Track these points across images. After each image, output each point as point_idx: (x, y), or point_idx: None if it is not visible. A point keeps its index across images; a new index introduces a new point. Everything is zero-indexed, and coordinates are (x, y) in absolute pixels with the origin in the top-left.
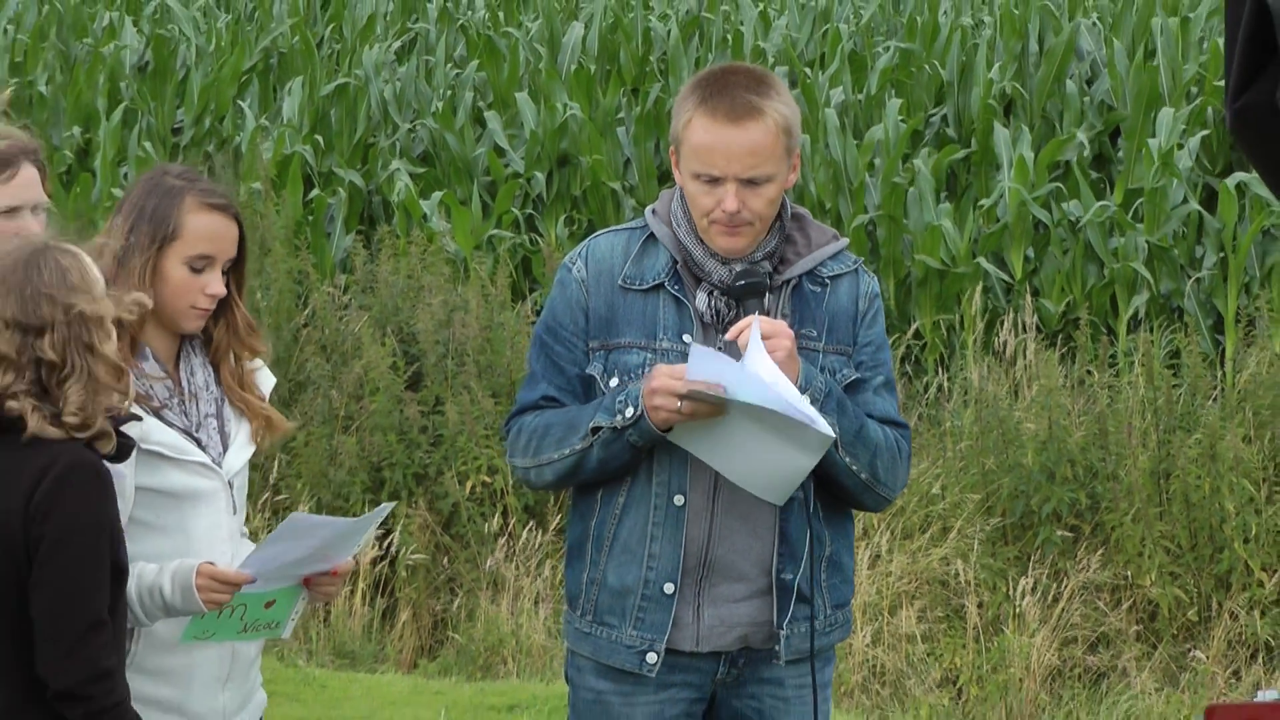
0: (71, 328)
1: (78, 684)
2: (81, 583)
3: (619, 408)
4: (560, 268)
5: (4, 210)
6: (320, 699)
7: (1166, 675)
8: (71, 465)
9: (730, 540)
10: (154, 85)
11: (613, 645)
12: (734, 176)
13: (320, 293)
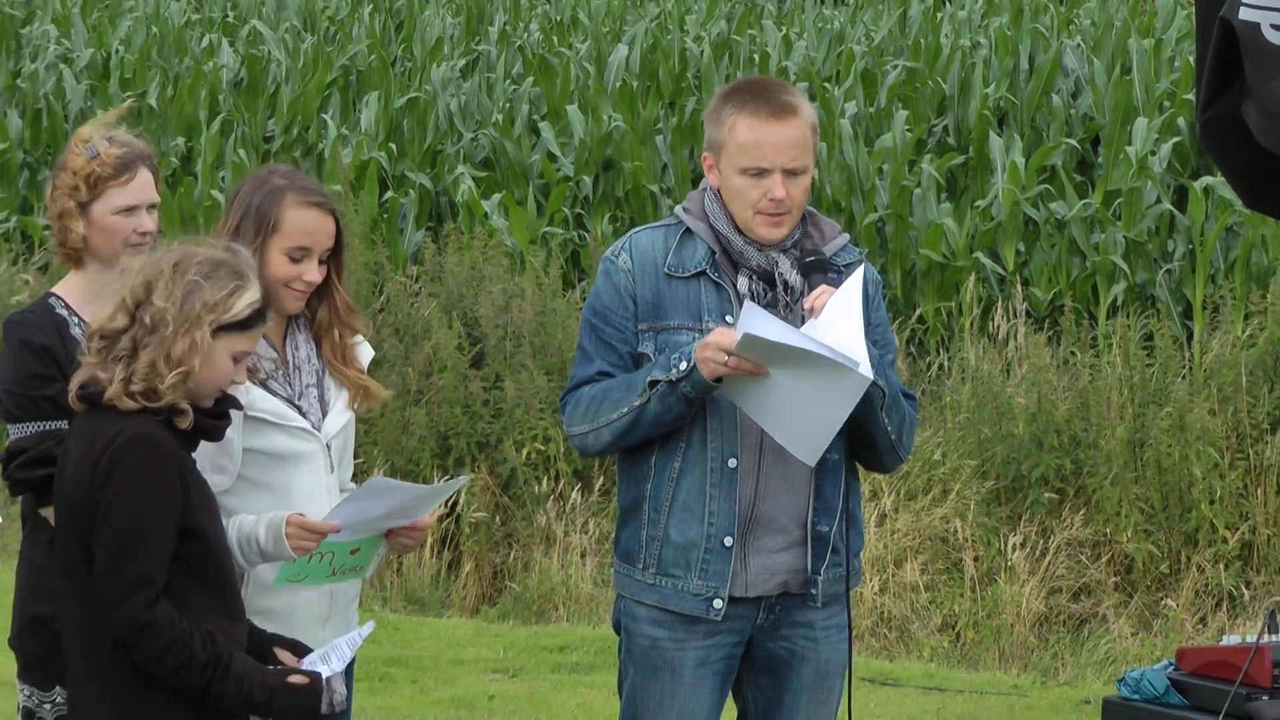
0: (178, 311)
1: (124, 634)
2: (127, 545)
3: (673, 363)
4: (603, 260)
5: (124, 209)
6: (394, 640)
7: (1141, 621)
8: (132, 437)
9: (773, 498)
10: (247, 99)
11: (679, 594)
12: (780, 167)
13: (394, 282)
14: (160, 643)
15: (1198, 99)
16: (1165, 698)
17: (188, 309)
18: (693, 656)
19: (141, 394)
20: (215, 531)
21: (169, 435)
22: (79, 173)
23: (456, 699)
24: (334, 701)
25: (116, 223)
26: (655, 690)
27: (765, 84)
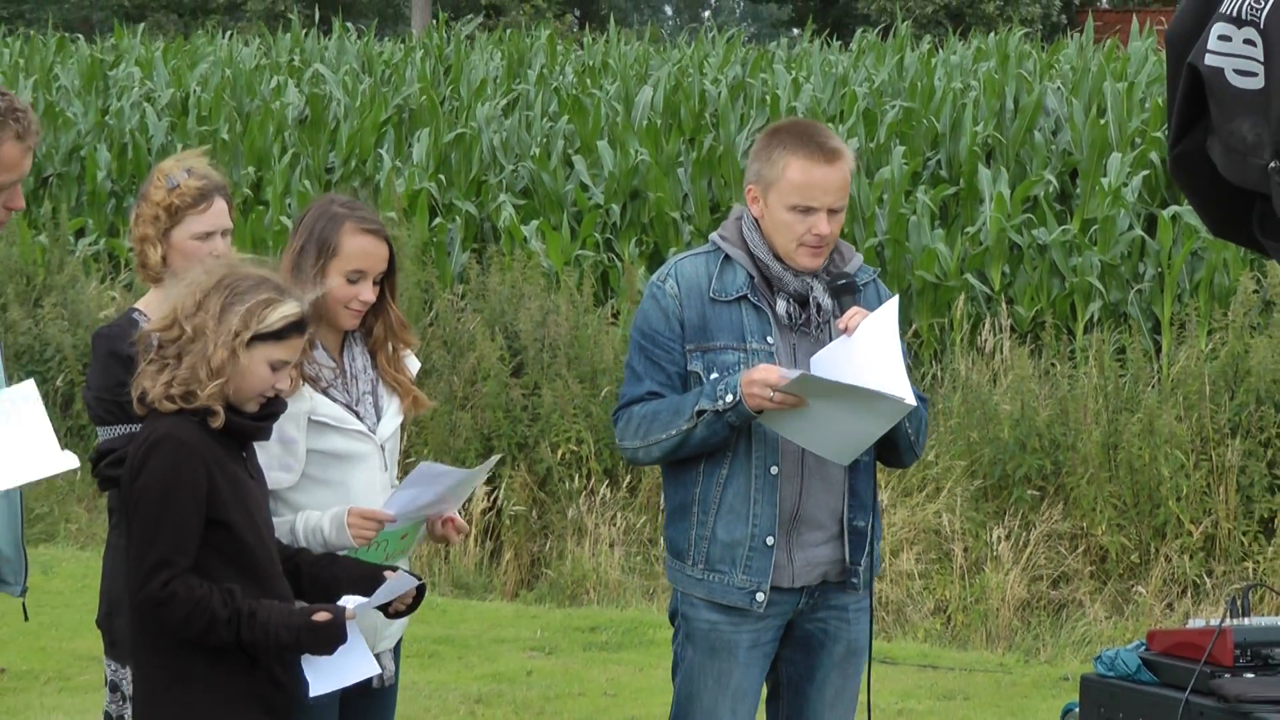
0: (217, 322)
1: (148, 612)
2: (150, 533)
3: (719, 394)
4: (650, 285)
5: (200, 234)
6: (442, 621)
7: (1114, 607)
8: (161, 436)
9: (814, 498)
10: (311, 134)
11: (726, 588)
12: (826, 207)
13: (442, 299)
14: (181, 611)
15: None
16: (1137, 675)
17: (225, 321)
18: (746, 639)
19: (180, 397)
20: (245, 522)
21: (201, 434)
22: (160, 203)
23: (498, 674)
24: (384, 677)
25: (194, 247)
26: (713, 669)
27: (815, 128)
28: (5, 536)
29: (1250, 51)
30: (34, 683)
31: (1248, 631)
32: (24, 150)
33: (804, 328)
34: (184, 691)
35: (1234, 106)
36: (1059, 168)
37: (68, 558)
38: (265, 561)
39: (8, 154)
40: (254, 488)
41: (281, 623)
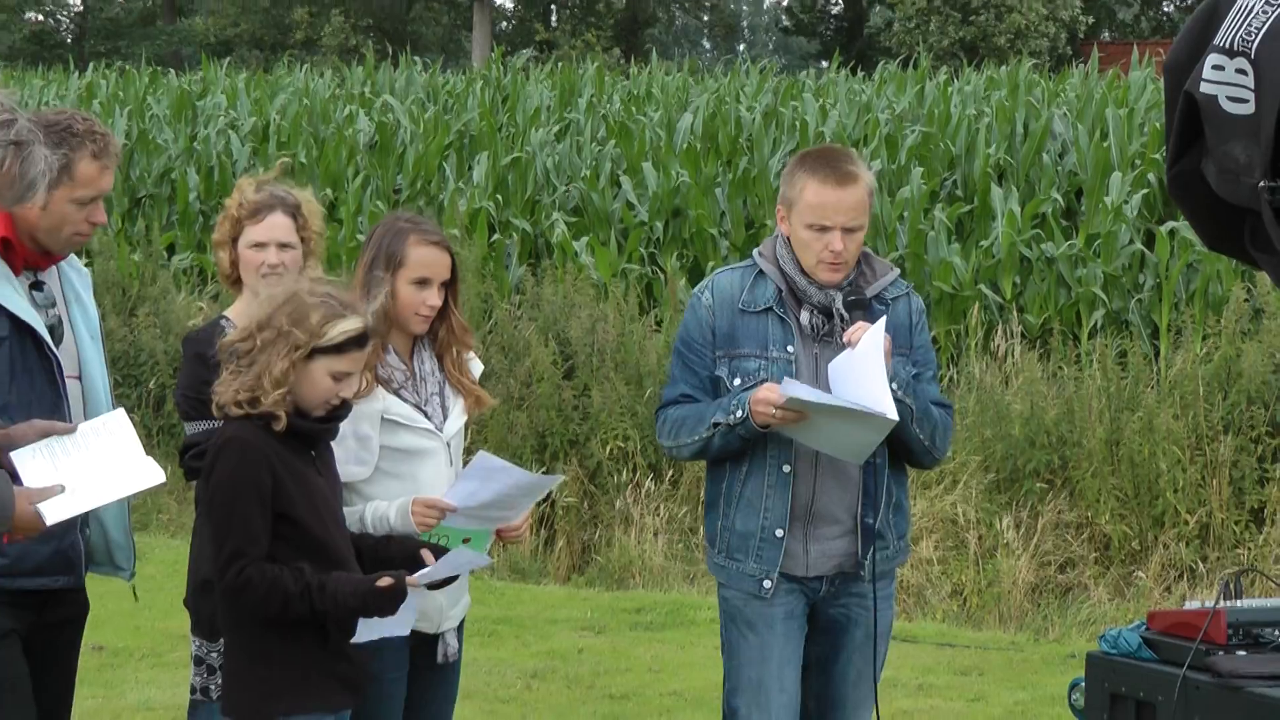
0: (281, 336)
1: (230, 599)
2: (222, 528)
3: (732, 409)
4: (693, 297)
5: (255, 244)
6: (500, 603)
7: (1117, 590)
8: (227, 440)
9: (828, 495)
10: (380, 158)
11: (739, 574)
12: (839, 226)
13: (500, 309)
14: (258, 594)
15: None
16: (1138, 652)
17: (290, 335)
18: (780, 611)
19: (246, 403)
20: (310, 515)
21: (265, 437)
22: (230, 214)
23: (552, 651)
24: (448, 654)
25: (250, 255)
26: (756, 643)
27: (833, 153)
28: (116, 526)
29: (1242, 80)
30: (129, 659)
31: (1240, 612)
32: (101, 168)
33: (827, 337)
34: (264, 669)
35: (1227, 130)
36: (1065, 187)
37: (159, 545)
38: (334, 548)
39: (84, 171)
40: (321, 484)
41: (349, 590)
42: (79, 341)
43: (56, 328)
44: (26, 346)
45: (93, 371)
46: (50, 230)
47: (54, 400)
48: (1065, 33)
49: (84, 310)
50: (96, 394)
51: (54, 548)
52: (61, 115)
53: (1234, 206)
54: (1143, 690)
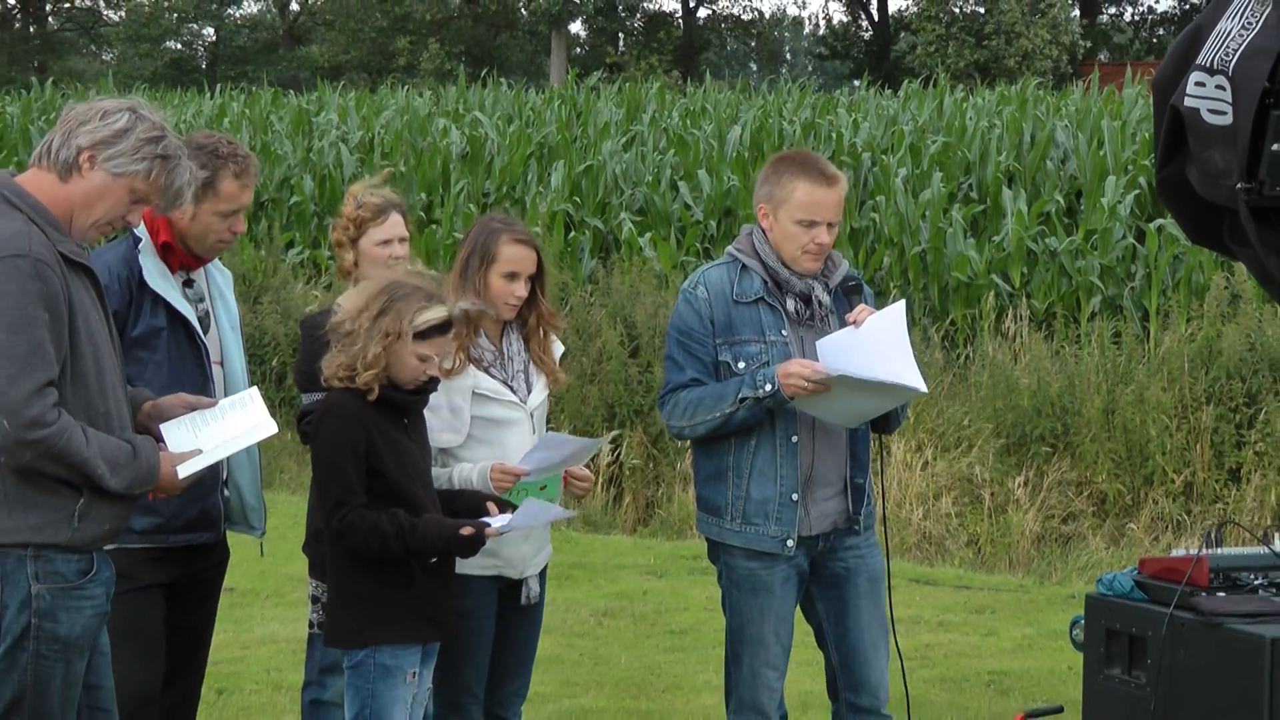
0: (375, 321)
1: (335, 543)
2: (326, 481)
3: (759, 384)
4: (683, 292)
5: (380, 241)
6: (575, 550)
7: (1112, 540)
8: (329, 407)
9: (824, 461)
10: (471, 166)
11: (761, 537)
12: (825, 221)
13: (575, 296)
14: (359, 536)
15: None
16: (1131, 594)
17: (380, 322)
18: (779, 576)
19: (345, 377)
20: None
21: (362, 405)
22: (349, 217)
23: (620, 593)
24: (531, 596)
25: (376, 251)
26: (756, 605)
27: (815, 157)
28: (250, 489)
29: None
30: (255, 598)
31: (1220, 559)
32: (241, 186)
33: (809, 322)
34: (359, 606)
35: (1208, 139)
36: (1066, 189)
37: (282, 500)
38: (419, 502)
39: (227, 188)
40: (411, 447)
41: (436, 534)
42: (221, 332)
43: (204, 319)
44: (180, 335)
45: (232, 357)
46: (198, 238)
47: (202, 382)
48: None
49: (226, 305)
50: (235, 377)
51: (199, 508)
52: (210, 139)
53: (1214, 206)
54: (1135, 626)
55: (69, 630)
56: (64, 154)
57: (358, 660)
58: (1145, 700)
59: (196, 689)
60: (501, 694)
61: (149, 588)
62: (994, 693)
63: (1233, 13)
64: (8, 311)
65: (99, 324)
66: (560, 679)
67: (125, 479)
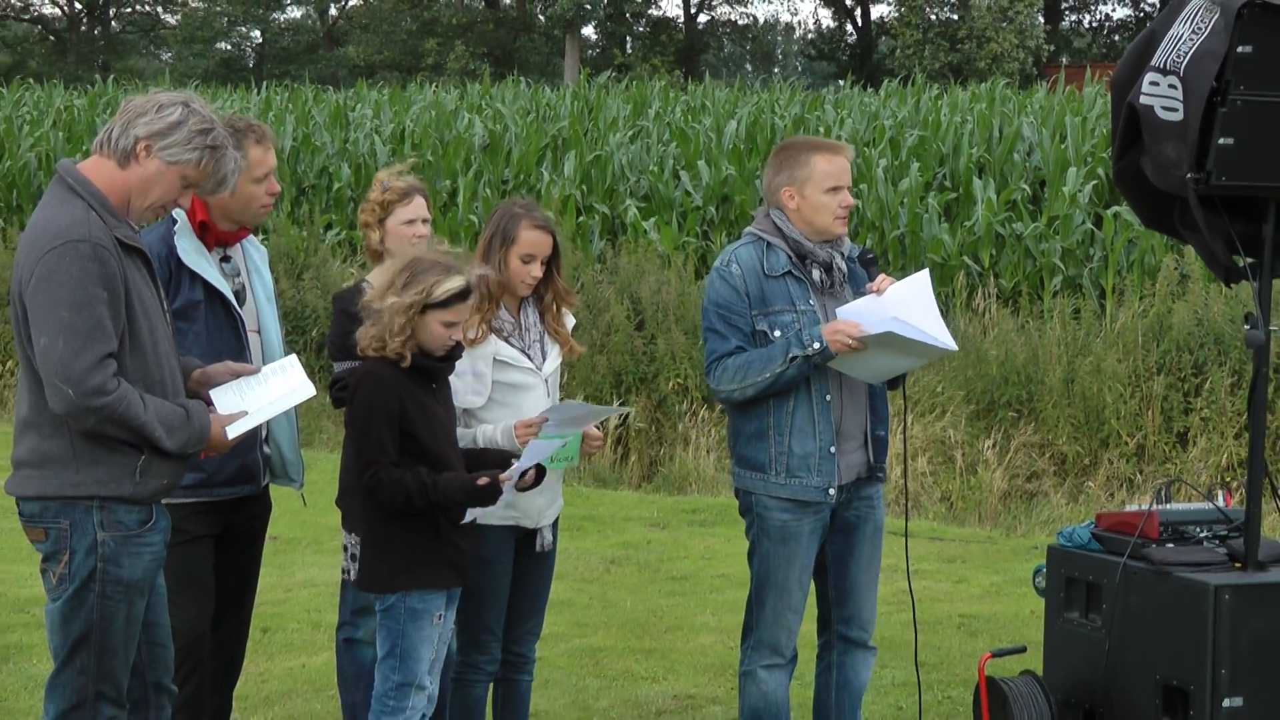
0: (401, 294)
1: (365, 497)
2: (359, 441)
3: (807, 343)
4: (717, 269)
5: (405, 221)
6: (585, 504)
7: (1071, 496)
8: (364, 374)
9: (850, 417)
10: (491, 156)
11: (805, 486)
12: (846, 185)
13: (585, 274)
14: (387, 492)
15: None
16: (1089, 545)
17: (406, 294)
18: (808, 527)
19: (377, 347)
20: (427, 433)
21: (394, 371)
22: (376, 200)
23: (625, 543)
24: (544, 544)
25: (402, 230)
26: (785, 553)
27: (817, 137)
28: (288, 445)
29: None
30: (296, 546)
31: (1169, 514)
32: (264, 150)
33: (830, 289)
34: (388, 553)
35: (1161, 133)
36: (1031, 179)
37: (320, 458)
38: (446, 459)
39: (254, 155)
40: (439, 410)
41: (456, 487)
42: (258, 303)
43: (240, 292)
44: (216, 307)
45: (268, 326)
46: (242, 209)
47: (239, 349)
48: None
49: (261, 278)
50: (271, 344)
51: (239, 463)
52: (228, 119)
53: (1166, 194)
54: (1091, 574)
55: (131, 574)
56: (123, 143)
57: (389, 604)
58: (1100, 641)
59: (245, 627)
60: (518, 633)
61: (199, 539)
62: (964, 634)
63: (1184, 18)
64: (70, 291)
65: (152, 300)
66: (571, 620)
67: (180, 439)
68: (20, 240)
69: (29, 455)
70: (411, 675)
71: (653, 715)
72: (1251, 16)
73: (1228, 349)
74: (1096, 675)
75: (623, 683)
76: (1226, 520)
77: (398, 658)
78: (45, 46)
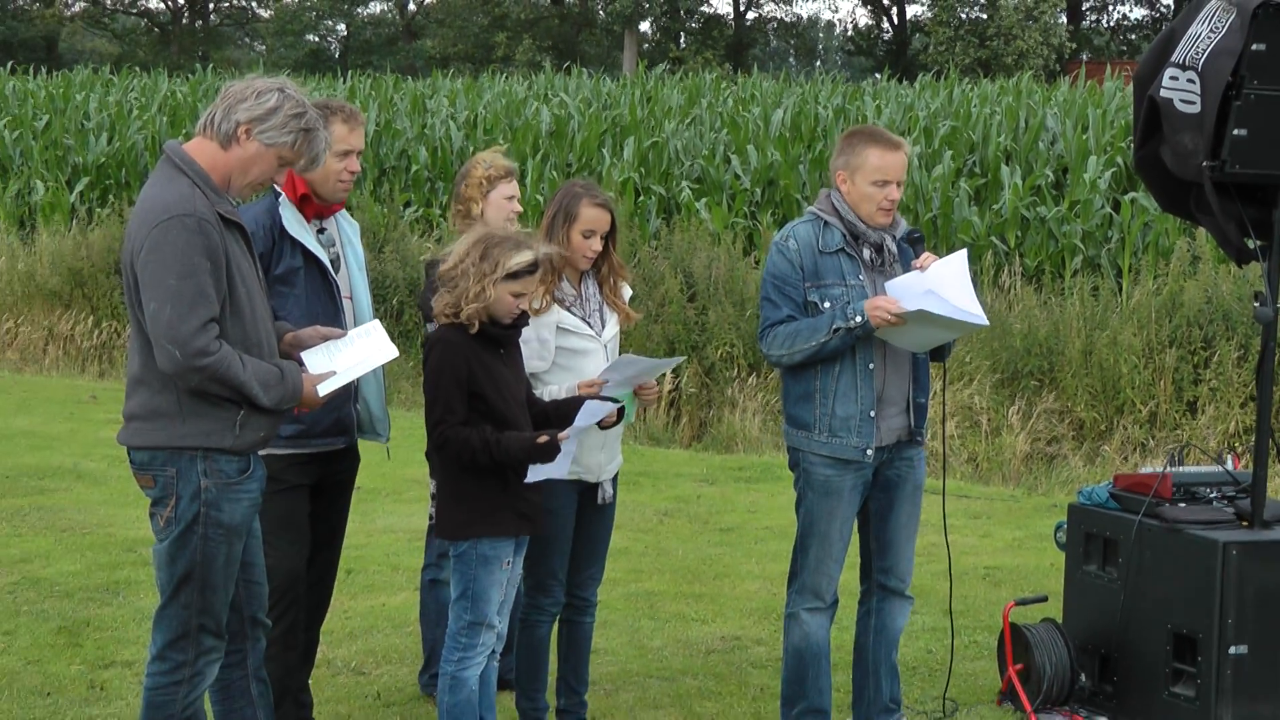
0: (476, 266)
1: (435, 452)
2: (431, 402)
3: (850, 315)
4: (776, 244)
5: (507, 196)
6: (641, 461)
7: (1088, 459)
8: (436, 339)
9: (892, 384)
10: (556, 141)
11: (845, 446)
12: (895, 180)
13: (642, 250)
14: (454, 449)
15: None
16: (1106, 504)
17: (480, 266)
18: (849, 483)
19: (450, 314)
20: (495, 395)
21: (465, 337)
22: (481, 176)
23: (678, 496)
24: (605, 497)
25: (504, 204)
26: (828, 506)
27: (881, 130)
28: (376, 402)
29: (1191, 88)
30: (377, 496)
31: (1181, 476)
32: (349, 130)
33: (880, 268)
34: (461, 505)
35: (1179, 125)
36: (1055, 166)
37: (399, 416)
38: (513, 419)
39: (337, 132)
40: (506, 373)
41: (517, 445)
42: (350, 271)
43: (335, 261)
44: (314, 274)
45: (360, 293)
46: (323, 184)
47: (334, 312)
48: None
49: (354, 249)
50: (363, 309)
51: (334, 418)
52: (321, 101)
53: (1183, 180)
54: (1109, 530)
55: (230, 518)
56: (225, 126)
57: (462, 550)
58: (1116, 592)
59: (333, 568)
60: (580, 578)
61: (297, 487)
62: (989, 584)
63: (1203, 18)
64: (176, 261)
65: (249, 270)
66: (628, 567)
67: (275, 396)
68: (131, 214)
69: (139, 409)
70: (482, 615)
71: (702, 654)
72: (1265, 16)
73: (1235, 325)
74: (1112, 623)
75: (675, 624)
76: (1234, 482)
77: (470, 599)
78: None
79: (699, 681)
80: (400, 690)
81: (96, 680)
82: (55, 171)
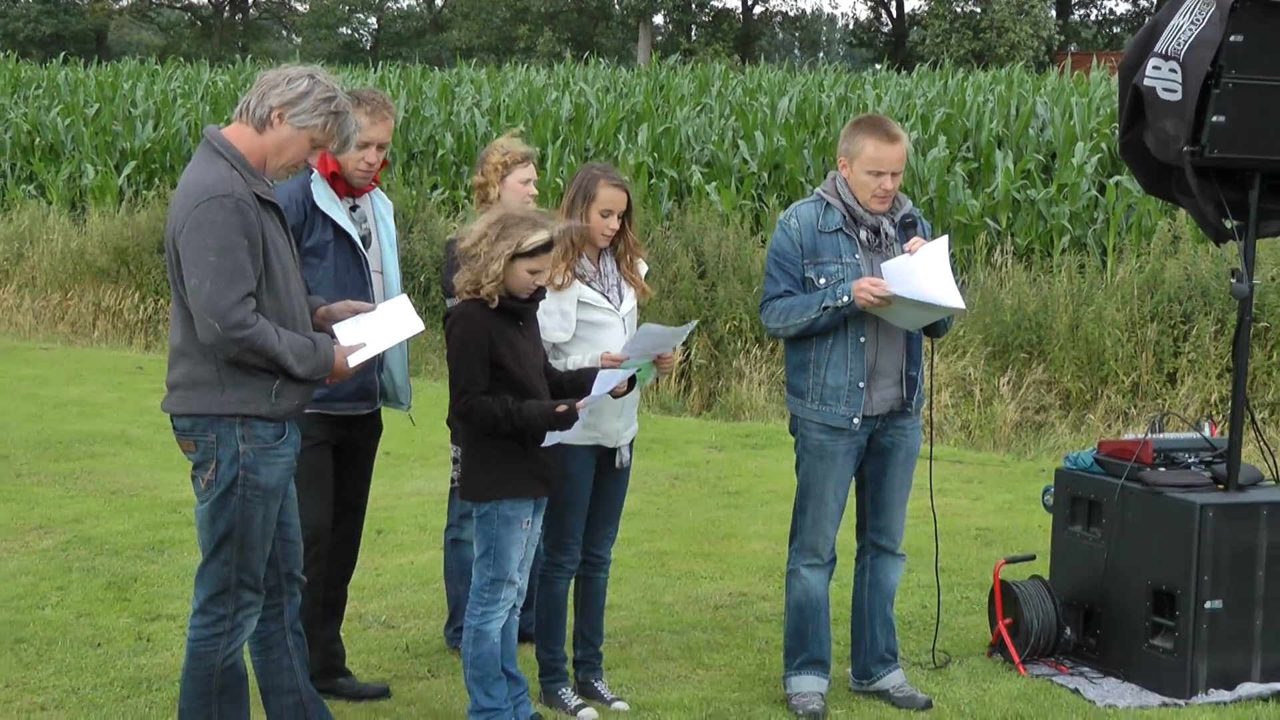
0: (494, 245)
1: (458, 420)
2: (454, 373)
3: (838, 294)
4: (780, 222)
5: (524, 180)
6: (654, 428)
7: (1074, 427)
8: (458, 314)
9: (885, 357)
10: (575, 128)
11: (834, 415)
12: (889, 171)
13: (655, 230)
14: (477, 417)
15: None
16: (1091, 468)
17: (497, 245)
18: (843, 448)
19: (470, 290)
20: (515, 366)
21: (485, 311)
22: (498, 161)
23: (688, 462)
24: (622, 461)
25: (520, 187)
26: (822, 469)
27: (883, 120)
28: (400, 373)
29: (1173, 76)
30: (406, 460)
31: (1161, 442)
32: (371, 122)
33: (877, 248)
34: (484, 469)
35: (1161, 111)
36: (1044, 151)
37: (425, 386)
38: (532, 388)
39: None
40: (525, 345)
41: (537, 413)
42: (381, 247)
43: (367, 237)
44: (344, 248)
45: (389, 268)
46: (343, 165)
47: (362, 285)
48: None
49: (385, 226)
50: (392, 284)
51: (358, 383)
52: (354, 91)
53: (1165, 164)
54: (1093, 494)
55: (267, 480)
56: (259, 112)
57: (484, 511)
58: (1100, 551)
59: (358, 529)
60: (596, 537)
61: (322, 444)
62: (980, 544)
63: (1184, 11)
64: (216, 238)
65: (284, 248)
66: (642, 527)
67: (308, 367)
68: (173, 195)
69: (181, 379)
70: (503, 572)
71: (711, 609)
72: (1243, 10)
73: (1212, 301)
74: (1096, 580)
75: (685, 581)
76: (1211, 448)
77: (492, 557)
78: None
79: (707, 635)
80: (427, 643)
81: (144, 632)
82: (104, 156)
